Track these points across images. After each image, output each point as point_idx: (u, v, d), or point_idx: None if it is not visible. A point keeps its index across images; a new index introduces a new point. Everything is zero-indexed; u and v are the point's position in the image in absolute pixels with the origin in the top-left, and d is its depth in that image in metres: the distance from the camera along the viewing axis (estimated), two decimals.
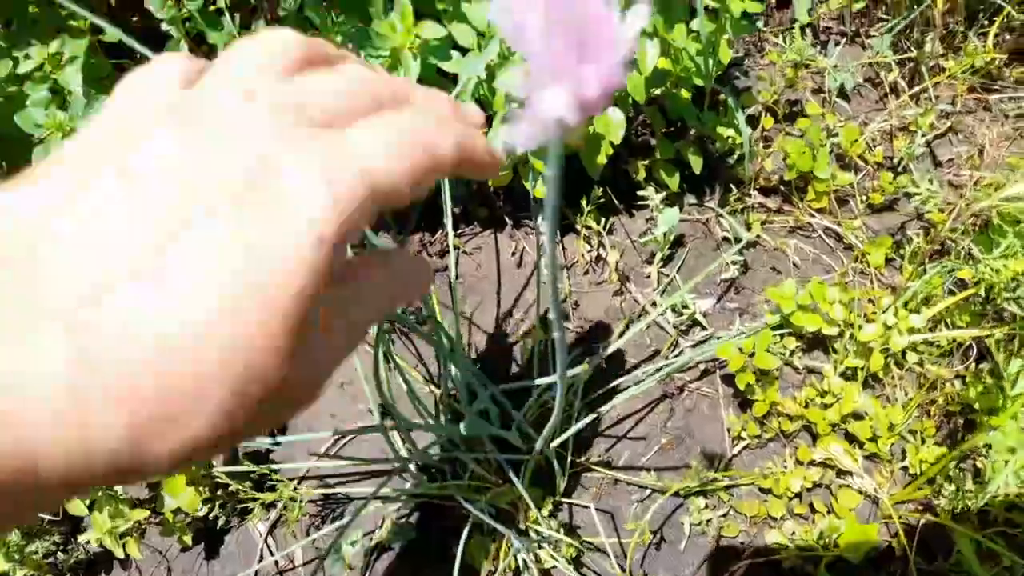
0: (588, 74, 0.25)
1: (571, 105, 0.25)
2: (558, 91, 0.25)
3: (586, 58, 0.25)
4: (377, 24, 1.15)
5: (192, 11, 1.22)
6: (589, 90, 0.25)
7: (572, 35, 0.25)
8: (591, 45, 0.25)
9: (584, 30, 0.25)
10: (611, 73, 0.25)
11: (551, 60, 0.26)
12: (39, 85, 1.20)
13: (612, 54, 0.25)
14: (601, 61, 0.25)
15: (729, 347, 1.20)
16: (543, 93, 0.25)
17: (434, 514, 1.27)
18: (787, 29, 1.70)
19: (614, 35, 0.25)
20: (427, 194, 0.34)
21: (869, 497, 1.19)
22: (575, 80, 0.25)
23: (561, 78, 0.25)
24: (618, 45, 0.25)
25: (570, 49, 0.25)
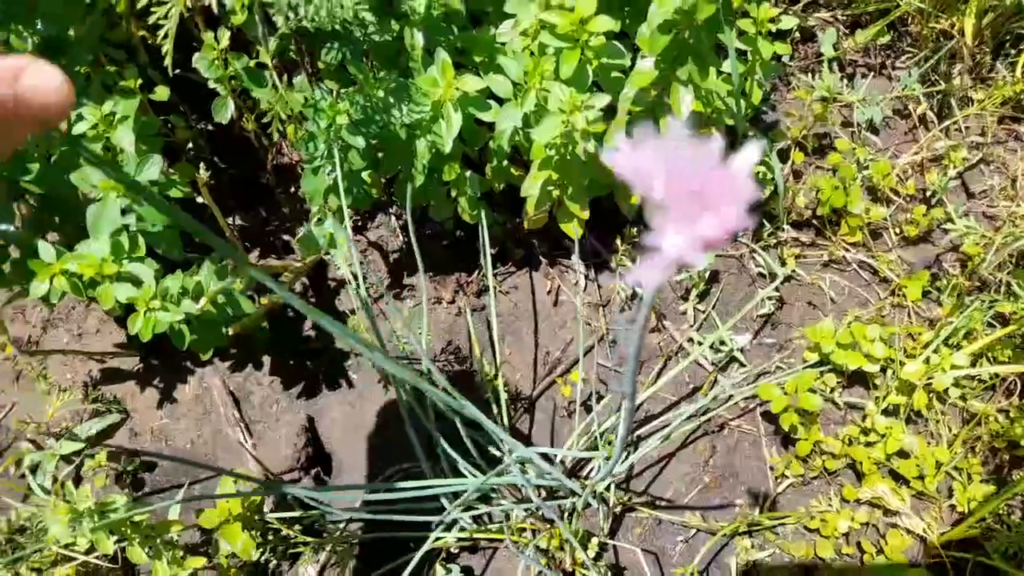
0: (712, 222, 0.27)
1: (694, 248, 0.28)
2: (681, 236, 0.28)
3: (706, 204, 0.27)
4: (419, 79, 1.19)
5: (238, 70, 1.26)
6: (713, 236, 0.27)
7: (691, 183, 0.27)
8: (710, 192, 0.27)
9: (703, 180, 0.28)
10: (734, 221, 0.27)
11: (672, 206, 0.28)
12: (93, 144, 1.24)
13: (733, 202, 0.27)
14: (721, 207, 0.27)
15: (771, 388, 1.21)
16: (668, 237, 0.28)
17: (480, 557, 1.28)
18: (813, 64, 1.72)
19: (733, 183, 0.28)
20: None
21: (917, 537, 1.19)
22: (698, 226, 0.27)
23: (685, 225, 0.28)
24: (739, 193, 0.27)
25: (691, 198, 0.27)
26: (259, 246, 1.58)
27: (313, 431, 1.42)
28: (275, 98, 1.28)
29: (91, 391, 1.47)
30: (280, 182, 1.62)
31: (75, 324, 1.55)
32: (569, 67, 1.17)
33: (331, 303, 1.54)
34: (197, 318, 1.22)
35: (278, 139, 1.59)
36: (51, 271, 1.16)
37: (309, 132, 1.19)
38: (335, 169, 1.24)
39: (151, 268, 1.19)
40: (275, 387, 1.47)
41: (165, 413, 1.46)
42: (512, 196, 1.44)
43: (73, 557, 1.19)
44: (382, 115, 1.18)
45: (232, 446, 1.42)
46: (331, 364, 1.48)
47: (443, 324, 1.51)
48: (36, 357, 1.48)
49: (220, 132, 1.63)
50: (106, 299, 1.16)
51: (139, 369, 1.49)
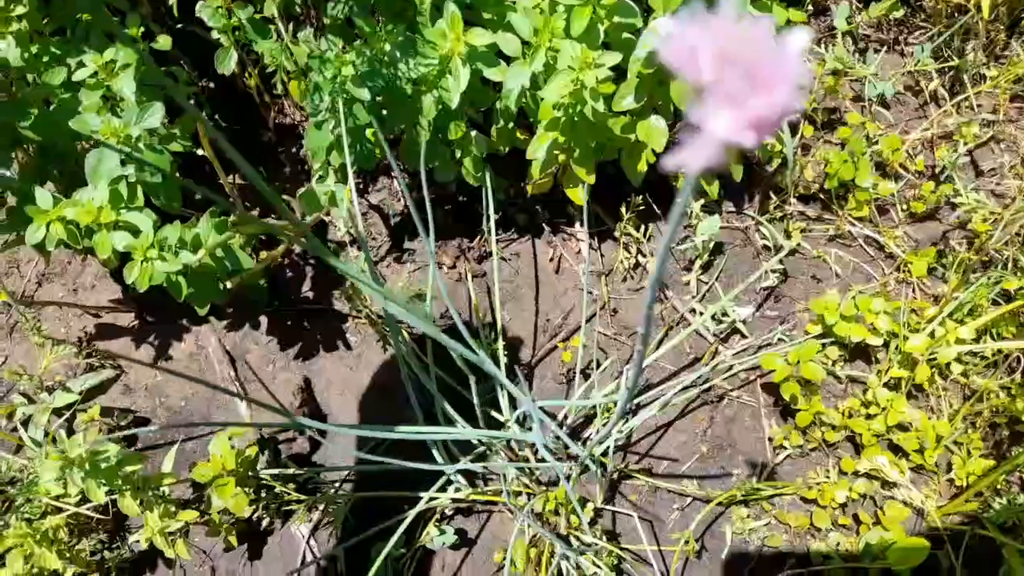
0: (764, 101, 0.26)
1: (746, 130, 0.26)
2: (733, 117, 0.26)
3: (759, 85, 0.26)
4: (427, 32, 1.16)
5: (242, 20, 1.24)
6: (766, 116, 0.26)
7: (742, 64, 0.26)
8: (762, 73, 0.26)
9: (755, 59, 0.26)
10: (787, 100, 0.26)
11: (724, 89, 0.26)
12: (93, 91, 1.22)
13: (786, 83, 0.26)
14: (771, 88, 0.26)
15: (774, 358, 1.20)
16: (717, 119, 0.26)
17: (475, 519, 1.27)
18: (826, 36, 1.69)
19: (784, 64, 0.26)
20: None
21: (915, 509, 1.18)
22: (749, 107, 0.26)
23: (734, 105, 0.26)
24: (791, 74, 0.26)
25: (742, 76, 0.26)
26: (259, 205, 1.56)
27: (309, 391, 1.41)
28: (279, 51, 1.26)
29: (85, 346, 1.45)
30: (282, 141, 1.60)
31: (70, 279, 1.54)
32: (580, 24, 1.14)
33: (330, 264, 1.52)
34: (195, 270, 1.20)
35: (281, 97, 1.57)
36: (48, 218, 1.15)
37: (314, 84, 1.17)
38: (339, 124, 1.22)
39: (149, 218, 1.17)
40: (272, 347, 1.46)
41: (160, 370, 1.44)
42: (516, 162, 1.42)
43: (63, 508, 1.18)
44: (388, 68, 1.16)
45: (227, 404, 1.41)
46: (329, 325, 1.47)
47: (443, 289, 1.49)
48: (30, 309, 1.46)
49: (223, 89, 1.61)
50: (103, 247, 1.14)
51: (135, 325, 1.48)
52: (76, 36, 1.27)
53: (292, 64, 1.26)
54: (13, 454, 1.35)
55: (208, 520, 1.21)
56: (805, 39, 0.26)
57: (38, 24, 1.23)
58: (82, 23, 1.28)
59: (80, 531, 1.26)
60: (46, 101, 1.25)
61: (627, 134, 1.33)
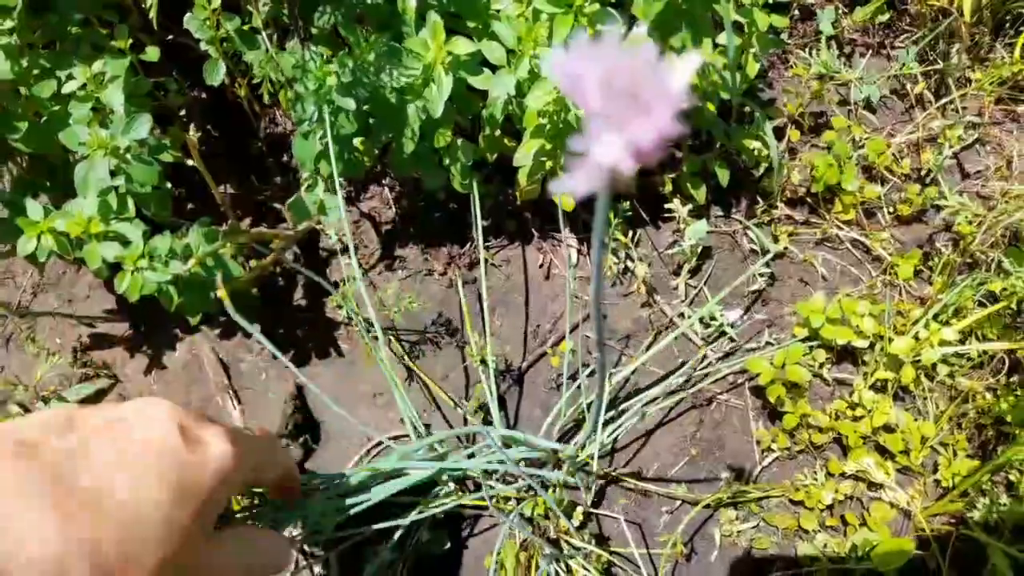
0: (642, 126, 0.27)
1: (625, 155, 0.27)
2: (613, 141, 0.27)
3: (640, 111, 0.27)
4: (410, 41, 1.18)
5: (230, 31, 1.25)
6: (643, 141, 0.27)
7: (626, 89, 0.27)
8: (644, 98, 0.27)
9: (637, 84, 0.27)
10: (664, 125, 0.27)
11: (606, 113, 0.27)
12: (82, 104, 1.23)
13: (665, 107, 0.27)
14: (654, 114, 0.27)
15: (760, 361, 1.21)
16: (599, 143, 0.27)
17: (467, 524, 1.28)
18: (812, 41, 1.70)
19: (666, 89, 0.27)
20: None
21: (901, 510, 1.19)
22: (629, 132, 0.27)
23: (616, 130, 0.27)
24: (671, 99, 0.27)
25: (624, 102, 0.27)
26: (251, 214, 1.57)
27: (302, 399, 1.42)
28: (267, 61, 1.27)
29: (80, 356, 1.47)
30: (272, 151, 1.61)
31: (65, 290, 1.55)
32: (562, 33, 1.16)
33: (322, 272, 1.53)
34: (185, 280, 1.21)
35: (271, 107, 1.58)
36: (38, 229, 1.16)
37: (298, 93, 1.18)
38: (326, 134, 1.23)
39: (139, 228, 1.19)
40: (265, 355, 1.47)
41: (154, 379, 1.46)
42: (505, 168, 1.43)
43: None
44: (372, 78, 1.17)
45: (221, 413, 1.42)
46: (321, 332, 1.48)
47: (434, 296, 1.51)
48: (25, 320, 1.48)
49: (212, 100, 1.62)
50: (93, 258, 1.15)
51: (128, 335, 1.49)
52: (66, 48, 1.28)
53: (279, 74, 1.27)
54: None
55: None
56: (694, 64, 0.27)
57: (28, 37, 1.24)
58: (71, 36, 1.29)
59: None
60: (36, 114, 1.27)
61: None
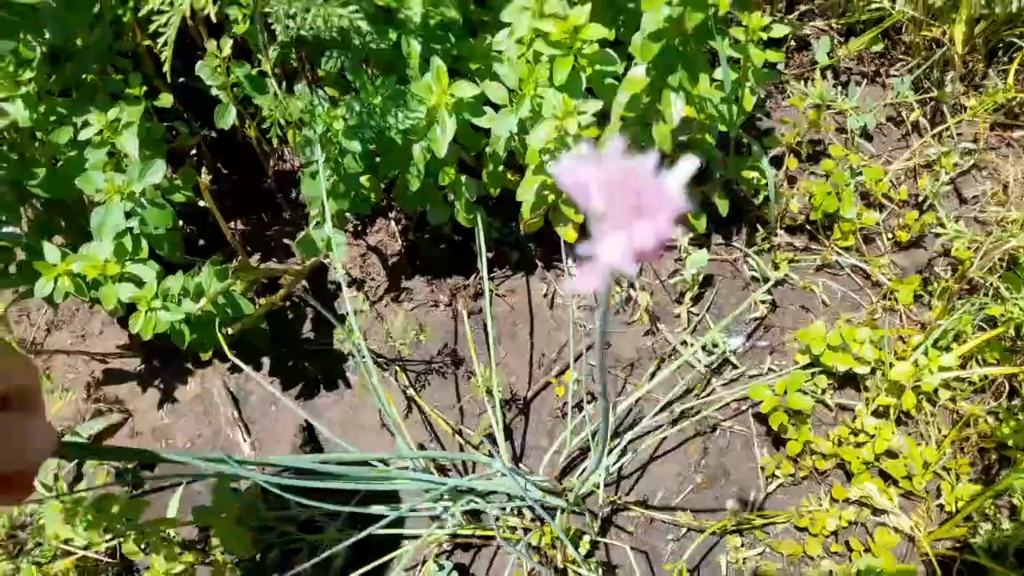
0: (642, 229, 0.29)
1: (628, 256, 0.30)
2: (616, 243, 0.30)
3: (641, 214, 0.29)
4: (415, 85, 1.21)
5: (240, 77, 1.29)
6: (644, 243, 0.29)
7: (627, 195, 0.29)
8: (645, 203, 0.30)
9: (638, 190, 0.30)
10: (664, 229, 0.30)
11: (609, 217, 0.30)
12: (98, 149, 1.27)
13: (664, 212, 0.30)
14: (654, 218, 0.29)
15: (762, 388, 1.23)
16: (603, 245, 0.30)
17: (474, 553, 1.30)
18: (807, 71, 1.74)
19: (665, 195, 0.30)
20: None
21: (905, 535, 1.20)
22: (631, 234, 0.29)
23: (618, 232, 0.30)
24: (669, 204, 0.30)
25: (626, 207, 0.30)
26: (260, 250, 1.61)
27: (311, 430, 1.45)
28: (275, 105, 1.31)
29: (93, 391, 1.50)
30: (281, 187, 1.65)
31: (79, 326, 1.58)
32: (562, 74, 1.19)
33: (331, 305, 1.56)
34: (197, 318, 1.24)
35: (279, 145, 1.62)
36: (55, 272, 1.19)
37: (307, 137, 1.22)
38: (333, 174, 1.27)
39: (153, 269, 1.22)
40: (274, 388, 1.49)
41: (166, 413, 1.48)
42: (509, 201, 1.46)
43: (72, 552, 1.21)
44: (378, 120, 1.21)
45: (231, 446, 1.44)
46: (329, 365, 1.51)
47: (440, 327, 1.53)
48: (40, 357, 1.51)
49: (223, 139, 1.67)
50: (108, 299, 1.18)
51: (140, 370, 1.52)
52: (81, 96, 1.33)
53: (288, 117, 1.31)
54: None
55: (212, 561, 1.23)
56: (691, 169, 0.30)
57: (46, 85, 1.29)
58: (87, 83, 1.34)
59: (89, 574, 1.29)
60: (53, 159, 1.31)
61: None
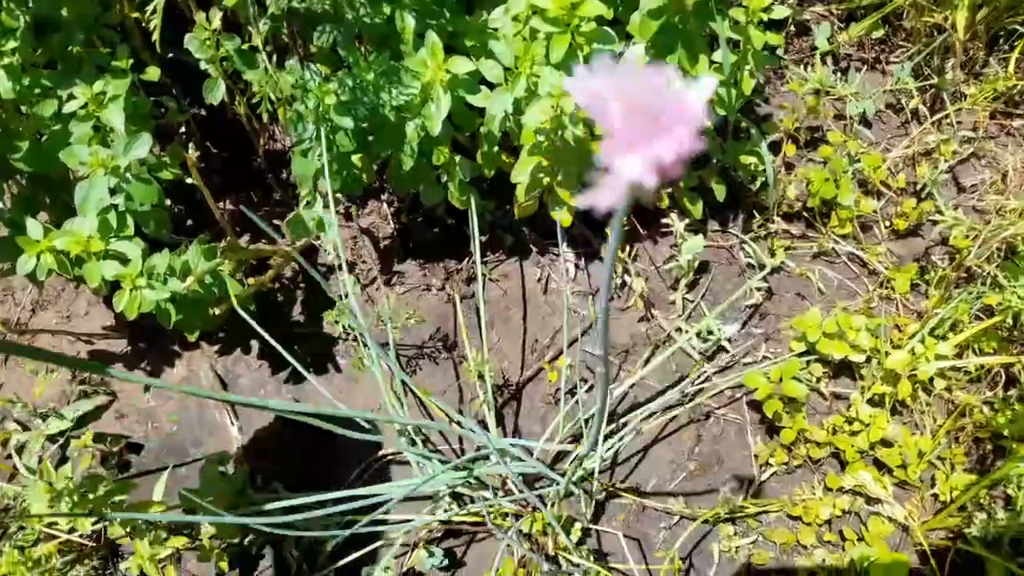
0: (664, 144, 0.28)
1: (648, 171, 0.28)
2: (636, 159, 0.28)
3: (661, 129, 0.28)
4: (409, 61, 1.19)
5: (230, 51, 1.26)
6: (666, 158, 0.28)
7: (646, 109, 0.27)
8: (665, 117, 0.28)
9: (657, 104, 0.28)
10: (686, 142, 0.28)
11: (628, 132, 0.28)
12: (83, 123, 1.24)
13: (685, 126, 0.28)
14: (674, 132, 0.28)
15: (757, 376, 1.21)
16: (622, 161, 0.28)
17: (464, 540, 1.28)
18: (807, 57, 1.72)
19: (685, 109, 0.28)
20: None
21: (899, 525, 1.19)
22: (652, 149, 0.28)
23: (638, 147, 0.28)
24: (690, 118, 0.28)
25: (645, 121, 0.28)
26: (250, 230, 1.58)
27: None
28: (266, 80, 1.28)
29: (78, 372, 1.47)
30: (271, 167, 1.62)
31: (64, 306, 1.55)
32: (559, 52, 1.17)
33: (319, 288, 1.54)
34: (184, 298, 1.22)
35: (270, 124, 1.59)
36: (38, 248, 1.16)
37: (298, 112, 1.19)
38: (324, 152, 1.24)
39: (138, 246, 1.19)
40: (263, 371, 1.47)
41: (152, 395, 1.46)
42: (503, 184, 1.44)
43: (55, 535, 1.19)
44: (371, 97, 1.18)
45: (218, 429, 1.42)
46: (319, 348, 1.48)
47: (433, 311, 1.51)
48: (24, 337, 1.48)
49: (212, 116, 1.63)
50: (92, 276, 1.16)
51: (127, 352, 1.49)
52: (67, 68, 1.29)
53: (279, 93, 1.28)
54: (7, 481, 1.37)
55: (199, 545, 1.21)
56: (711, 86, 0.28)
57: (30, 56, 1.25)
58: (73, 55, 1.30)
59: (73, 558, 1.27)
60: (37, 132, 1.28)
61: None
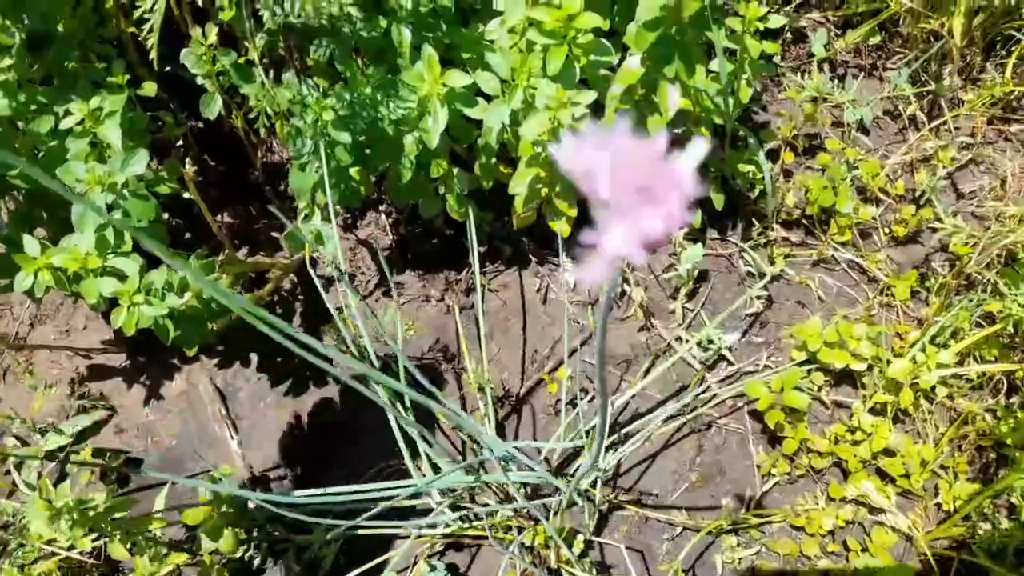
0: (651, 216, 0.27)
1: (635, 244, 0.27)
2: (623, 231, 0.27)
3: (650, 200, 0.27)
4: (406, 74, 1.19)
5: (226, 66, 1.26)
6: (653, 231, 0.27)
7: (635, 178, 0.27)
8: (654, 189, 0.27)
9: (647, 175, 0.27)
10: (675, 215, 0.27)
11: (615, 202, 0.28)
12: (79, 139, 1.24)
13: (675, 198, 0.27)
14: (664, 204, 0.27)
15: (758, 385, 1.21)
16: (610, 233, 0.27)
17: (467, 554, 1.27)
18: (804, 64, 1.72)
19: (675, 179, 0.27)
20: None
21: (903, 535, 1.18)
22: (639, 222, 0.27)
23: (626, 220, 0.27)
24: (680, 189, 0.27)
25: (635, 192, 0.27)
26: (248, 243, 1.58)
27: (301, 428, 1.42)
28: (263, 94, 1.28)
29: (77, 387, 1.46)
30: (269, 179, 1.62)
31: (62, 321, 1.55)
32: (556, 64, 1.16)
33: (318, 300, 1.53)
34: (182, 313, 1.21)
35: (267, 136, 1.59)
36: (36, 265, 1.16)
37: (296, 128, 1.19)
38: (323, 165, 1.24)
39: (136, 263, 1.19)
40: (262, 384, 1.46)
41: (151, 410, 1.45)
42: (501, 194, 1.44)
43: (55, 553, 1.18)
44: (369, 111, 1.18)
45: (218, 443, 1.41)
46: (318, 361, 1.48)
47: (432, 322, 1.51)
48: (22, 352, 1.48)
49: (209, 130, 1.63)
50: (90, 293, 1.15)
51: (126, 366, 1.49)
52: (63, 84, 1.29)
53: (276, 107, 1.28)
54: (6, 498, 1.36)
55: (199, 561, 1.21)
56: (702, 152, 0.28)
57: (26, 72, 1.25)
58: (69, 71, 1.30)
59: (73, 575, 1.26)
60: (34, 149, 1.27)
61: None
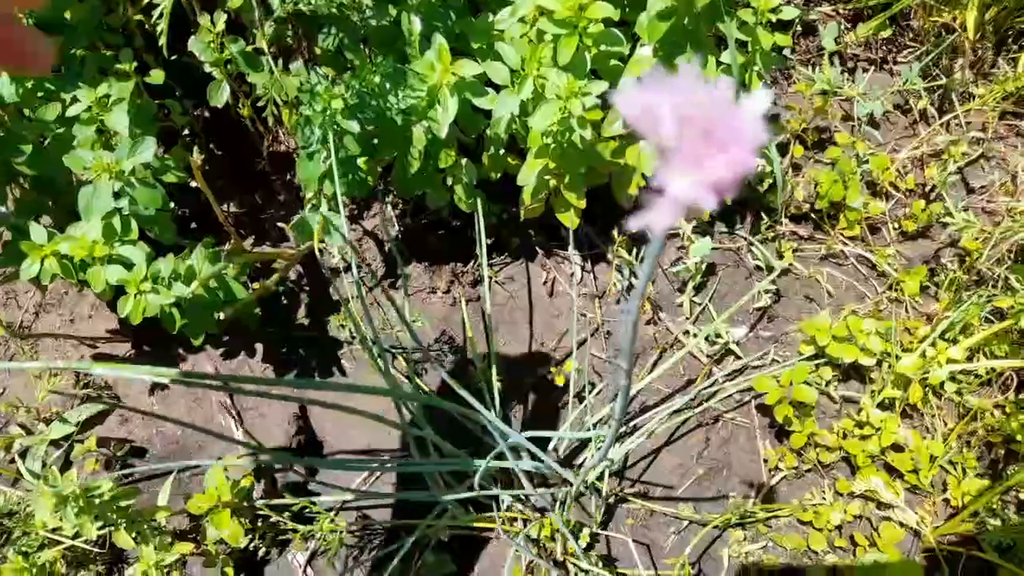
0: (721, 163, 0.27)
1: (705, 191, 0.27)
2: (693, 178, 0.27)
3: (716, 147, 0.27)
4: (416, 63, 1.18)
5: (234, 53, 1.25)
6: (723, 177, 0.27)
7: (701, 126, 0.26)
8: (720, 134, 0.27)
9: (712, 121, 0.27)
10: (743, 163, 0.27)
11: (684, 151, 0.27)
12: (86, 126, 1.23)
13: (743, 145, 0.27)
14: (732, 150, 0.27)
15: (766, 380, 1.20)
16: (678, 181, 0.27)
17: (472, 546, 1.27)
18: (814, 57, 1.71)
19: (743, 125, 0.27)
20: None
21: (911, 530, 1.18)
22: (708, 168, 0.27)
23: (694, 166, 0.27)
24: (748, 134, 0.27)
25: (700, 139, 0.27)
26: (254, 233, 1.57)
27: (305, 419, 1.42)
28: (271, 83, 1.27)
29: (82, 376, 1.46)
30: (276, 169, 1.61)
31: (68, 309, 1.55)
32: (567, 53, 1.16)
33: (325, 291, 1.53)
34: (188, 302, 1.21)
35: (274, 126, 1.59)
36: (42, 253, 1.15)
37: (304, 117, 1.18)
38: (330, 155, 1.23)
39: (143, 251, 1.18)
40: (268, 374, 1.46)
41: (156, 399, 1.45)
42: (509, 185, 1.43)
43: (60, 541, 1.18)
44: (378, 100, 1.17)
45: (223, 432, 1.41)
46: (324, 352, 1.47)
47: (438, 314, 1.50)
48: (27, 341, 1.47)
49: (216, 119, 1.62)
50: (96, 281, 1.15)
51: (131, 355, 1.49)
52: (70, 71, 1.28)
53: (284, 96, 1.27)
54: (11, 486, 1.36)
55: (204, 551, 1.21)
56: (766, 101, 0.27)
57: None
58: (76, 58, 1.30)
59: (78, 563, 1.26)
60: (41, 136, 1.27)
61: (617, 159, 1.34)
